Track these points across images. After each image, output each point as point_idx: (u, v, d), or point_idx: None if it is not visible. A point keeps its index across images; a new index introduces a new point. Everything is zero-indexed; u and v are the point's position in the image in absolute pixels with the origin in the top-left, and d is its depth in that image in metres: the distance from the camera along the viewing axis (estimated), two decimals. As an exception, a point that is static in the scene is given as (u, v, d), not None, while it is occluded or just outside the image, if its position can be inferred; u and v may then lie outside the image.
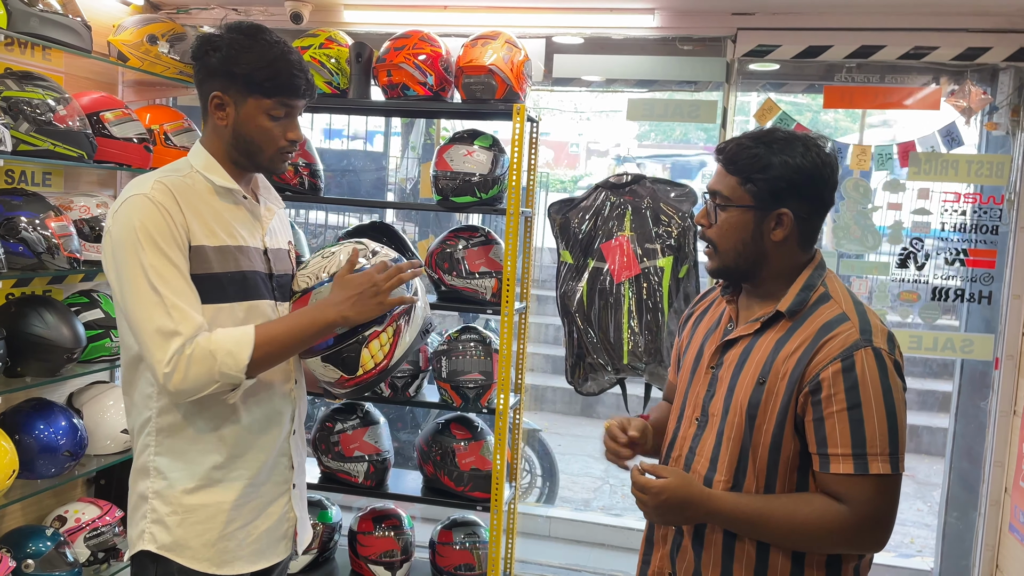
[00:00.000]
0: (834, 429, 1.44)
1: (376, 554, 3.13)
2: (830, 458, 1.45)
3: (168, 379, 1.58)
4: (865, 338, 1.45)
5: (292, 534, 1.88)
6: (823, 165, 1.52)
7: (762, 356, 1.53)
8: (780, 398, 1.48)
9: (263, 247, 1.81)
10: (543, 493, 5.17)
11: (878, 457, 1.43)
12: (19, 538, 2.64)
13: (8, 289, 2.76)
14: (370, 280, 1.72)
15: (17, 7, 2.51)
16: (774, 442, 1.49)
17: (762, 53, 3.14)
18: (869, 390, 1.43)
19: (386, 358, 1.79)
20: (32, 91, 2.54)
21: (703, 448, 1.59)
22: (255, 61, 1.67)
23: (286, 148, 1.75)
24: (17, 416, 2.61)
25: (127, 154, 2.84)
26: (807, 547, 1.49)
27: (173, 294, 1.59)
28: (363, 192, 7.32)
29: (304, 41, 3.10)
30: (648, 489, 1.50)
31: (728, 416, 1.54)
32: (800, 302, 1.53)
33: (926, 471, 6.84)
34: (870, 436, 1.42)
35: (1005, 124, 3.14)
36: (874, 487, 1.44)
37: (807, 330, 1.50)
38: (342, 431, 3.09)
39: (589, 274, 3.09)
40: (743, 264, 1.57)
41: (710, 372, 1.62)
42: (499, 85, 2.92)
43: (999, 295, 3.13)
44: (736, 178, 1.53)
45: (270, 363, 1.69)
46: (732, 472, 1.53)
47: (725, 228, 1.55)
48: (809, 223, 1.55)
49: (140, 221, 1.61)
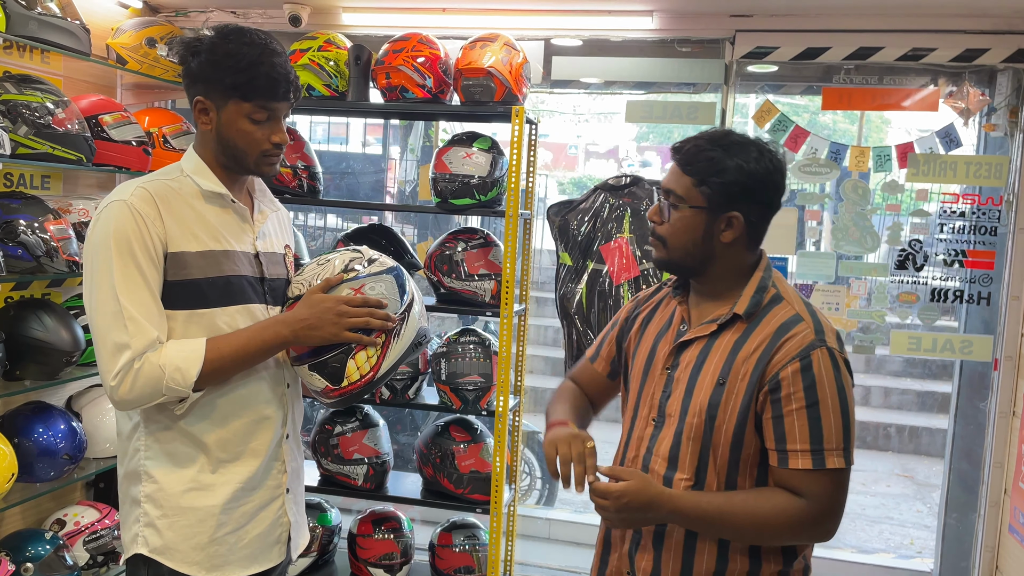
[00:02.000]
0: (793, 426, 1.49)
1: (376, 557, 3.13)
2: (789, 454, 1.49)
3: (114, 391, 1.61)
4: (820, 338, 1.51)
5: (286, 539, 1.87)
6: (775, 171, 1.57)
7: (721, 357, 1.56)
8: (740, 398, 1.52)
9: (254, 251, 1.80)
10: (543, 495, 5.17)
11: (833, 452, 1.48)
12: (18, 541, 2.63)
13: (7, 292, 2.76)
14: (336, 307, 1.71)
15: (16, 10, 2.51)
16: (735, 440, 1.53)
17: (760, 55, 3.15)
18: (826, 388, 1.48)
19: (372, 370, 1.77)
20: (31, 94, 2.54)
21: (660, 448, 1.60)
22: (233, 65, 1.65)
23: (270, 151, 1.73)
24: (16, 419, 2.61)
25: (126, 157, 2.84)
26: (768, 541, 1.54)
27: (133, 306, 1.60)
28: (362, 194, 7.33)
29: (303, 44, 3.10)
30: (609, 494, 1.49)
31: (687, 416, 1.57)
32: (755, 304, 1.57)
33: (925, 472, 6.85)
34: (827, 432, 1.48)
35: (1003, 125, 3.14)
36: (830, 480, 1.49)
37: (764, 331, 1.54)
38: (341, 434, 3.09)
39: (588, 276, 3.09)
40: (690, 262, 1.61)
41: (665, 373, 1.63)
42: (498, 87, 2.92)
43: (998, 296, 3.13)
44: (691, 179, 1.56)
45: (223, 377, 1.68)
46: (694, 470, 1.56)
47: (677, 227, 1.58)
48: (758, 226, 1.59)
49: (115, 228, 1.62)
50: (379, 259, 1.83)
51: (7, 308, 2.63)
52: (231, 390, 1.73)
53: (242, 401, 1.75)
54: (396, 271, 1.83)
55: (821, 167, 3.22)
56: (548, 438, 1.63)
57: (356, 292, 1.75)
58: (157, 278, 1.65)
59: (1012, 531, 2.99)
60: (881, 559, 4.56)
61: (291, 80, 1.71)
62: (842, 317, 3.24)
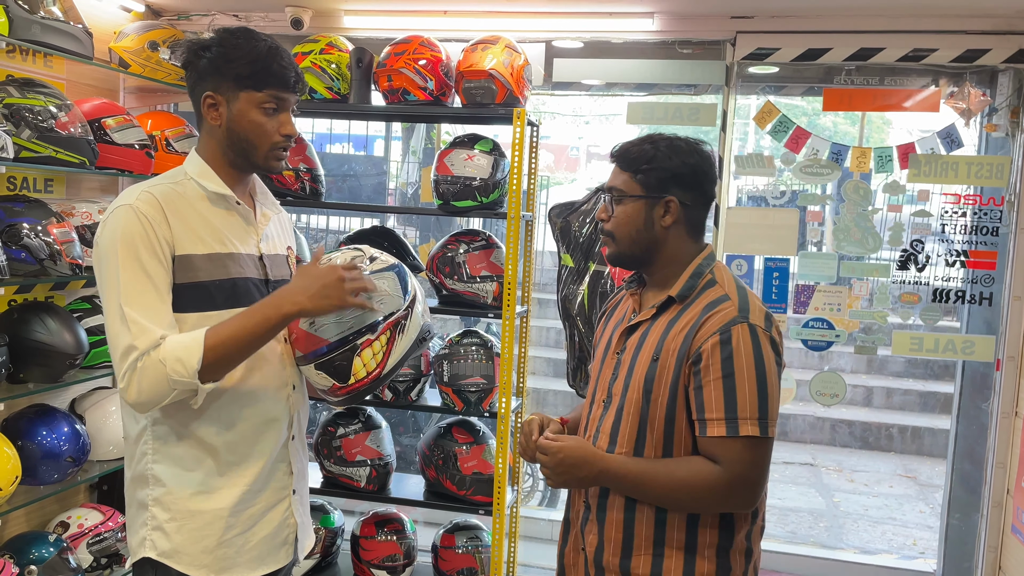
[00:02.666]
0: (711, 396, 1.57)
1: (378, 558, 3.13)
2: (707, 423, 1.58)
3: (124, 393, 1.61)
4: (743, 316, 1.60)
5: (293, 540, 1.88)
6: (703, 160, 1.70)
7: (656, 336, 1.67)
8: (671, 372, 1.61)
9: (258, 253, 1.80)
10: (545, 497, 5.18)
11: (748, 420, 1.55)
12: (22, 544, 2.64)
13: (10, 295, 2.76)
14: (334, 273, 1.66)
15: (19, 14, 2.52)
16: (668, 414, 1.62)
17: (761, 56, 3.15)
18: (743, 360, 1.56)
19: (379, 367, 1.77)
20: (34, 98, 2.54)
21: (604, 426, 1.72)
22: (244, 56, 1.68)
23: (280, 143, 1.74)
24: (20, 422, 2.62)
25: (129, 160, 2.85)
26: (686, 506, 1.61)
27: (139, 308, 1.60)
28: (364, 197, 7.33)
29: (305, 47, 3.11)
30: (547, 449, 1.65)
31: (627, 393, 1.67)
32: (689, 288, 1.68)
33: (928, 473, 6.84)
34: (741, 402, 1.55)
35: (1004, 125, 3.15)
36: (744, 448, 1.56)
37: (694, 310, 1.65)
38: (344, 435, 3.09)
39: (590, 277, 3.09)
40: (637, 251, 1.72)
41: (615, 357, 1.75)
42: (499, 89, 2.93)
43: (1000, 296, 3.14)
44: (628, 173, 1.71)
45: (228, 364, 1.66)
46: (632, 445, 1.65)
47: (621, 219, 1.71)
48: (695, 212, 1.72)
49: (122, 232, 1.62)
50: (380, 257, 1.84)
51: (10, 311, 2.63)
52: (237, 393, 1.74)
53: (248, 404, 1.75)
54: (398, 268, 1.84)
55: (822, 168, 3.23)
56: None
57: None
58: (165, 278, 1.65)
59: (1015, 531, 2.99)
60: (884, 560, 4.56)
61: (299, 74, 1.76)
62: (844, 318, 3.24)
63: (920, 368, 7.85)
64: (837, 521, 5.82)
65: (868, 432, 7.37)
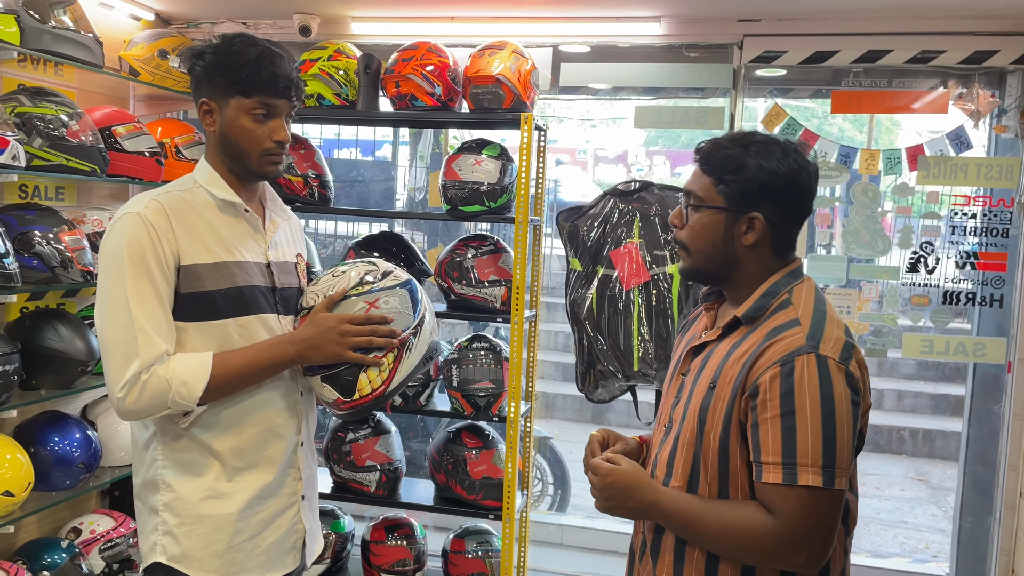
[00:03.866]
0: (767, 436, 1.38)
1: (389, 563, 3.13)
2: (762, 467, 1.38)
3: (120, 402, 1.62)
4: (811, 344, 1.39)
5: (301, 546, 1.88)
6: (800, 171, 1.48)
7: (716, 361, 1.49)
8: (725, 403, 1.44)
9: (265, 261, 1.81)
10: (555, 501, 5.16)
11: (809, 468, 1.35)
12: (35, 550, 2.66)
13: (22, 303, 2.78)
14: (339, 327, 1.72)
15: (30, 24, 2.54)
16: (721, 448, 1.44)
17: (769, 59, 3.15)
18: (806, 397, 1.35)
19: (384, 384, 1.78)
20: (45, 106, 2.56)
21: (663, 455, 1.56)
22: (234, 63, 1.69)
23: (272, 150, 1.73)
24: (32, 429, 2.63)
25: (139, 168, 2.87)
26: (735, 555, 1.44)
27: (144, 318, 1.62)
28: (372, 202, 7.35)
29: (313, 53, 3.12)
30: (598, 470, 1.52)
31: (684, 422, 1.51)
32: (759, 308, 1.49)
33: (940, 476, 6.80)
34: (801, 446, 1.35)
35: (1014, 127, 3.13)
36: (803, 499, 1.35)
37: (758, 335, 1.45)
38: (354, 441, 3.10)
39: (598, 281, 3.09)
40: (713, 267, 1.54)
41: (679, 379, 1.59)
42: (506, 94, 2.93)
43: (1011, 298, 3.12)
44: (710, 178, 1.50)
45: (227, 393, 1.70)
46: (686, 478, 1.49)
47: (696, 229, 1.52)
48: (784, 230, 1.51)
49: (128, 240, 1.64)
50: (393, 272, 1.84)
51: (23, 318, 2.65)
52: (245, 400, 1.75)
53: (256, 410, 1.76)
54: (410, 284, 1.83)
55: (831, 170, 3.22)
56: None
57: (371, 306, 1.76)
58: (168, 291, 1.66)
59: (1028, 534, 2.97)
60: (896, 563, 4.53)
61: (292, 79, 1.73)
62: (854, 320, 3.23)
63: (931, 371, 7.81)
64: (848, 525, 5.78)
65: (879, 435, 7.33)
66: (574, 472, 5.43)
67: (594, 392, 3.15)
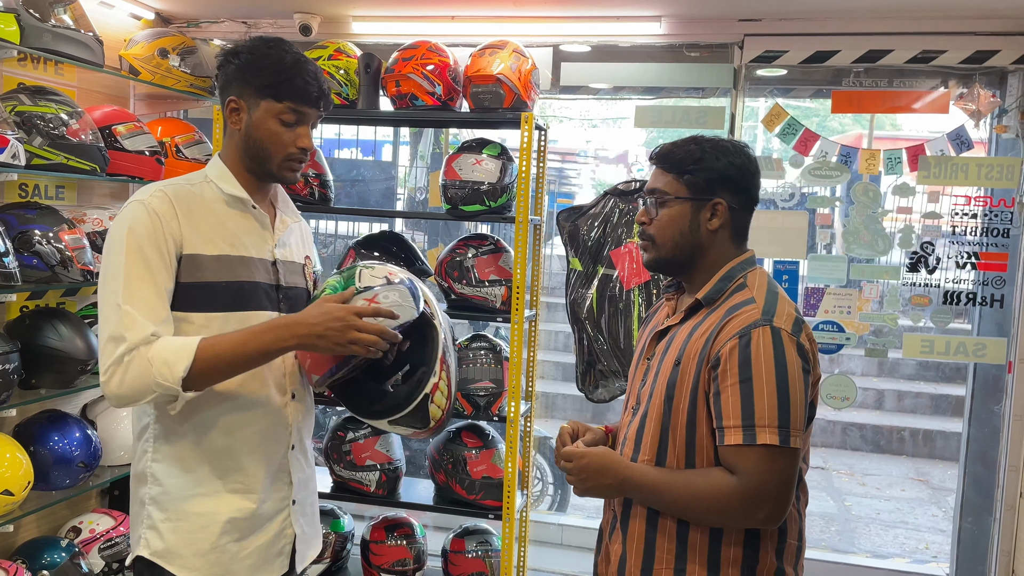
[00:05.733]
0: (728, 402, 1.50)
1: (389, 563, 3.13)
2: (724, 431, 1.50)
3: (105, 385, 1.60)
4: (766, 319, 1.52)
5: (290, 551, 1.85)
6: (749, 162, 1.66)
7: (680, 340, 1.62)
8: (691, 377, 1.56)
9: (272, 258, 1.81)
10: (555, 501, 5.16)
11: (767, 428, 1.47)
12: (34, 549, 2.66)
13: (22, 302, 2.78)
14: (347, 318, 1.62)
15: (30, 23, 2.54)
16: (688, 419, 1.56)
17: (769, 59, 3.15)
18: (761, 364, 1.49)
19: (448, 399, 1.81)
20: (45, 105, 2.56)
21: (630, 432, 1.67)
22: (269, 66, 1.71)
23: (295, 155, 1.75)
24: (32, 428, 2.63)
25: (139, 167, 2.87)
26: (705, 519, 1.55)
27: (134, 300, 1.60)
28: (372, 202, 7.35)
29: (313, 53, 3.12)
30: (572, 455, 1.62)
31: (652, 399, 1.62)
32: (718, 291, 1.62)
33: (940, 476, 6.80)
34: (759, 408, 1.47)
35: (1015, 127, 3.13)
36: (762, 457, 1.48)
37: (717, 314, 1.58)
38: (353, 440, 3.10)
39: (599, 281, 3.09)
40: (679, 255, 1.65)
41: (645, 363, 1.71)
42: (507, 94, 2.93)
43: (1011, 298, 3.12)
44: (672, 175, 1.64)
45: (216, 378, 1.64)
46: (655, 452, 1.60)
47: (665, 222, 1.64)
48: (740, 215, 1.66)
49: (130, 226, 1.64)
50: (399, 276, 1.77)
51: (22, 317, 2.65)
52: (236, 398, 1.73)
53: (246, 409, 1.75)
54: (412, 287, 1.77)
55: (831, 170, 3.22)
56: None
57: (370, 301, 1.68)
58: (166, 278, 1.65)
59: (1028, 535, 2.97)
60: (896, 564, 4.53)
61: (323, 90, 1.76)
62: (854, 320, 3.23)
63: (931, 371, 7.81)
64: (849, 525, 5.79)
65: (879, 435, 7.33)
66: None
67: (594, 392, 3.15)
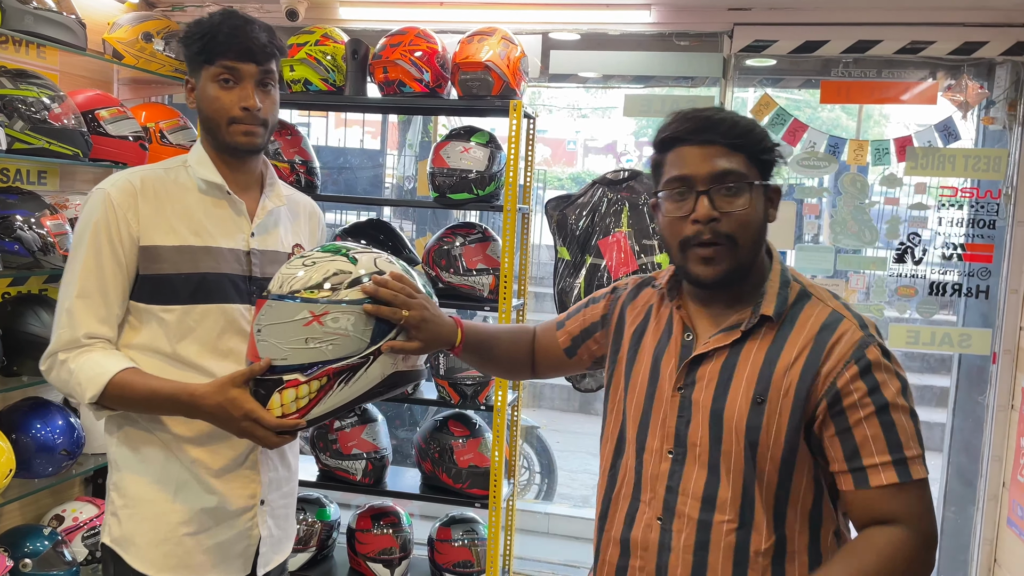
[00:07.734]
0: (866, 437, 1.25)
1: (375, 552, 3.13)
2: (868, 471, 1.25)
3: (45, 373, 1.67)
4: (868, 334, 1.29)
5: (253, 553, 1.75)
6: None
7: (753, 371, 1.31)
8: (786, 417, 1.28)
9: (246, 248, 1.71)
10: (542, 490, 5.18)
11: (916, 460, 1.26)
12: (17, 537, 2.64)
13: (4, 288, 2.75)
14: (242, 423, 1.50)
15: (12, 5, 2.50)
16: (784, 469, 1.29)
17: (759, 48, 3.14)
18: (891, 388, 1.26)
19: (298, 413, 1.48)
20: (27, 89, 2.53)
21: (689, 487, 1.33)
22: (199, 32, 1.65)
23: (239, 118, 1.64)
24: (14, 415, 2.61)
25: (122, 152, 2.83)
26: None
27: (76, 298, 1.62)
28: (360, 190, 7.31)
29: (300, 38, 3.09)
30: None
31: (723, 446, 1.31)
32: (783, 302, 1.33)
33: (924, 466, 6.86)
34: (904, 438, 1.25)
35: (1002, 118, 3.14)
36: (921, 495, 1.26)
37: (803, 335, 1.30)
38: (340, 429, 3.09)
39: (587, 270, 3.08)
40: (754, 259, 1.35)
41: (678, 394, 1.36)
42: (495, 81, 2.91)
43: (996, 290, 3.13)
44: (743, 154, 1.30)
45: (127, 409, 1.64)
46: (737, 510, 1.30)
47: (750, 215, 1.30)
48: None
49: (90, 219, 1.63)
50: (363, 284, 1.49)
51: (4, 304, 2.63)
52: None
53: None
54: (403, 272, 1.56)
55: (819, 161, 3.22)
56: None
57: (315, 318, 1.45)
58: (117, 270, 1.63)
59: (1011, 524, 2.99)
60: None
61: (255, 40, 1.63)
62: (841, 311, 3.24)
63: (916, 361, 7.85)
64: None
65: (864, 425, 7.36)
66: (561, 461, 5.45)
67: (581, 381, 3.15)
